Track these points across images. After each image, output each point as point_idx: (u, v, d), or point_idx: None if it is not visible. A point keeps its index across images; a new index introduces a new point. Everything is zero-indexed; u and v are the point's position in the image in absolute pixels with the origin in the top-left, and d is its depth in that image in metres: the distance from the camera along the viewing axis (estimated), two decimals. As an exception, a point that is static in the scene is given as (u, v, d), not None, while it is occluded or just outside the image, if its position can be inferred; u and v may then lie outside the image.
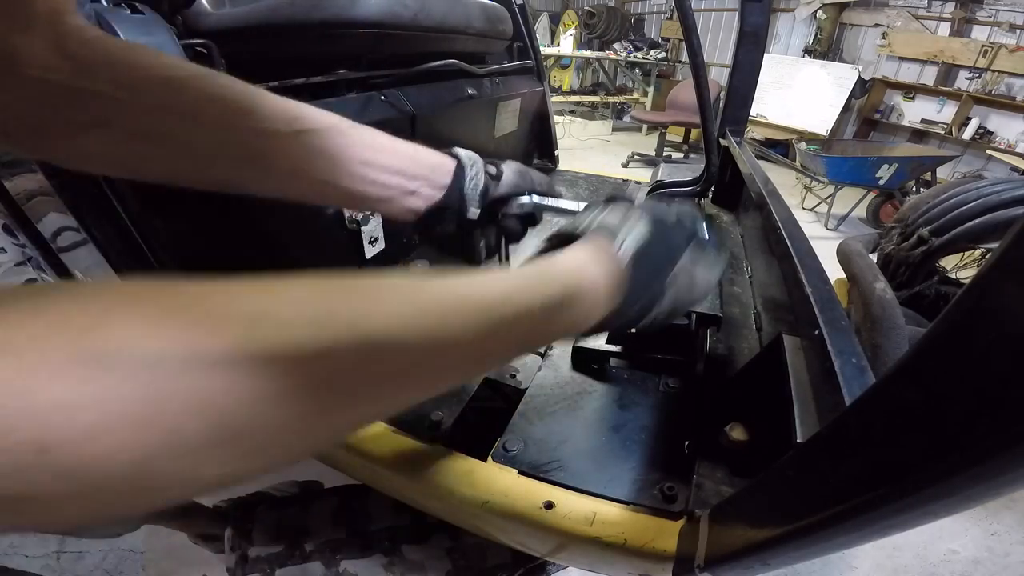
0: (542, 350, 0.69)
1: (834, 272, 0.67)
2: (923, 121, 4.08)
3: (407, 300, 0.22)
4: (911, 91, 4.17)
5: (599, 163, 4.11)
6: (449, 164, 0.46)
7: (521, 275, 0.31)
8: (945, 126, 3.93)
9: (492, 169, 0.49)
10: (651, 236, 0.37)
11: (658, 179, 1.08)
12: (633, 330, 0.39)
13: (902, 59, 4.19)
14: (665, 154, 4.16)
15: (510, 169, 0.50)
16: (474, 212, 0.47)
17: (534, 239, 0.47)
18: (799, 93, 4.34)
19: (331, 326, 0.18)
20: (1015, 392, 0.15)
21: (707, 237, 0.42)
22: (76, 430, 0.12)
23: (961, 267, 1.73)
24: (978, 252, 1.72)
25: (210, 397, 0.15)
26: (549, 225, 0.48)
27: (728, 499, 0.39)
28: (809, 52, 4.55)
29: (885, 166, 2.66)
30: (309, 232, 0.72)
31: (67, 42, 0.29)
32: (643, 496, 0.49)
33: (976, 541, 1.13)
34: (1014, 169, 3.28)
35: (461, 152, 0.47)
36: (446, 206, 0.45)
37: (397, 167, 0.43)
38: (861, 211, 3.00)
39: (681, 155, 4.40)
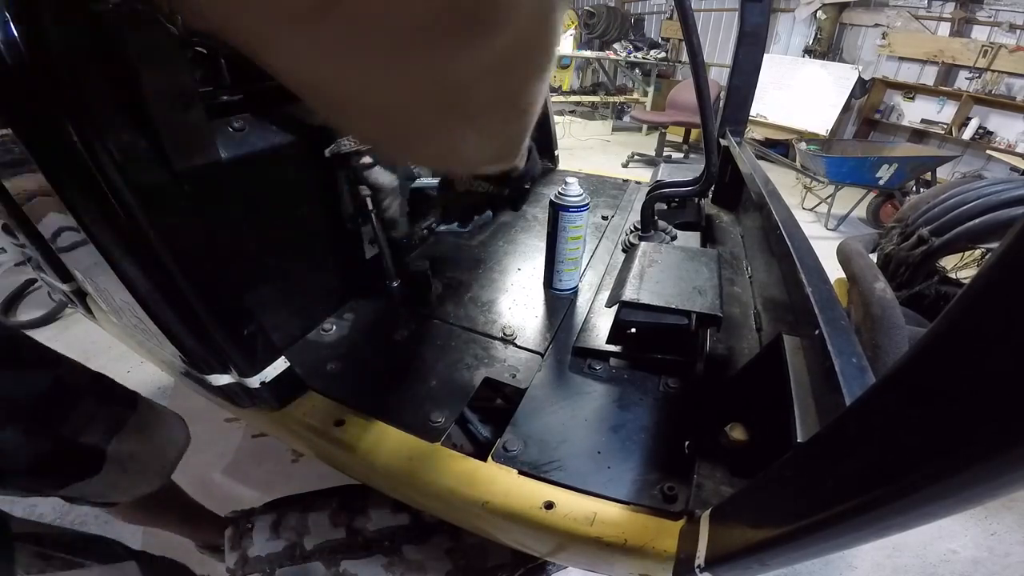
0: (541, 350, 0.69)
1: (834, 272, 0.67)
2: (923, 121, 4.08)
3: None
4: (911, 91, 4.17)
5: (599, 163, 4.11)
6: None
7: None
8: (945, 126, 3.92)
9: None
10: None
11: (658, 179, 1.08)
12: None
13: (902, 59, 4.18)
14: (665, 154, 4.16)
15: None
16: None
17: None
18: (799, 93, 4.34)
19: None
20: (1015, 392, 0.15)
21: None
22: None
23: (961, 267, 1.73)
24: (978, 252, 1.72)
25: None
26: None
27: (728, 499, 0.39)
28: (809, 52, 4.54)
29: (885, 166, 2.65)
30: (308, 232, 0.72)
31: None
32: (643, 496, 0.49)
33: (976, 541, 1.13)
34: (1014, 169, 3.27)
35: None
36: None
37: None
38: (861, 211, 3.00)
39: (681, 155, 4.39)
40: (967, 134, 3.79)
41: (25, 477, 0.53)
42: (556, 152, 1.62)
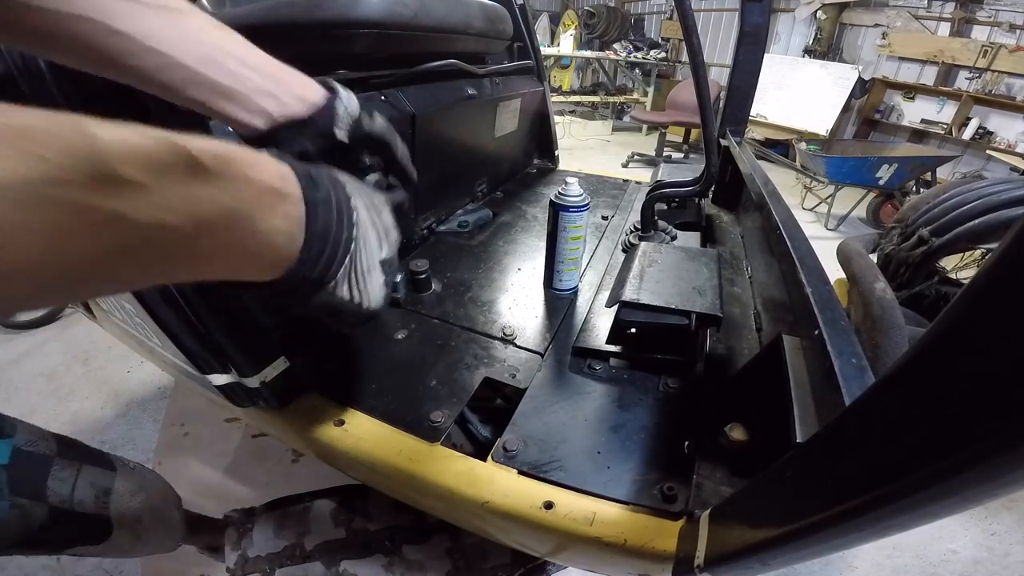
0: (541, 350, 0.69)
1: (834, 272, 0.67)
2: (923, 121, 4.08)
3: None
4: (911, 91, 4.17)
5: (599, 163, 4.11)
6: (319, 88, 0.45)
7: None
8: (945, 126, 3.93)
9: (368, 108, 0.48)
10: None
11: (658, 179, 1.08)
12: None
13: (902, 59, 4.19)
14: (665, 154, 4.16)
15: (383, 118, 0.49)
16: (342, 135, 0.44)
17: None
18: (799, 93, 4.34)
19: None
20: (1015, 392, 0.15)
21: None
22: None
23: (961, 267, 1.73)
24: (978, 252, 1.72)
25: None
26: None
27: (728, 499, 0.39)
28: (809, 52, 4.55)
29: (885, 166, 2.65)
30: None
31: None
32: (643, 496, 0.49)
33: (976, 541, 1.13)
34: (1014, 169, 3.27)
35: (334, 82, 0.46)
36: (312, 122, 0.43)
37: (256, 63, 0.40)
38: (861, 211, 3.00)
39: (681, 155, 4.39)
40: (967, 134, 3.80)
41: (21, 547, 0.50)
42: (556, 152, 1.62)
